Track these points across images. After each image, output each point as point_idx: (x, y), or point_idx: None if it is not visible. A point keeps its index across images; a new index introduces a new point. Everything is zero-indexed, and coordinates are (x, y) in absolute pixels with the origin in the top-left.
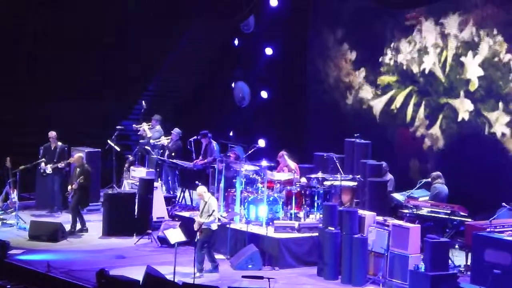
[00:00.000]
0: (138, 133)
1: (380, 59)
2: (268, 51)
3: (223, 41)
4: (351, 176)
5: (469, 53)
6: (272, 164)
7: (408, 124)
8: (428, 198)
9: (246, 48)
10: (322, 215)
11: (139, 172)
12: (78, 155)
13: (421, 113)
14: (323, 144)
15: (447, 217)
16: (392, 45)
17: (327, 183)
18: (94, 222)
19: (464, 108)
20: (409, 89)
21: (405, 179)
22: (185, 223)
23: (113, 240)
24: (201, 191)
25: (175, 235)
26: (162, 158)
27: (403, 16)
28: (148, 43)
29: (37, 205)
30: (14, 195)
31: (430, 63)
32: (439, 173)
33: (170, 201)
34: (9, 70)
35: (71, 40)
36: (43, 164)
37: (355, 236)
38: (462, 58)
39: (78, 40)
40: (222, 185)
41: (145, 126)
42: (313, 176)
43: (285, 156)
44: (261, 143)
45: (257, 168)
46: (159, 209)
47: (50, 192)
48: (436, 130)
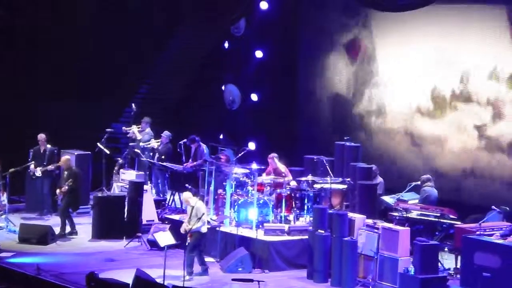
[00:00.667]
0: (128, 136)
1: None
2: (258, 54)
3: (214, 44)
4: (341, 179)
5: None
6: (263, 167)
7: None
8: (417, 201)
9: (236, 51)
10: (312, 218)
11: (129, 175)
12: (66, 157)
13: None
14: (313, 147)
15: (437, 220)
16: None
17: (317, 186)
18: (84, 225)
19: None
20: None
21: (395, 182)
22: (175, 226)
23: (102, 243)
24: (186, 196)
25: (165, 238)
26: (152, 161)
27: None
28: (139, 46)
29: (27, 208)
30: (4, 198)
31: None
32: (428, 176)
33: (160, 204)
34: None
35: (60, 41)
36: (32, 166)
37: (345, 239)
38: None
39: (68, 41)
40: (212, 188)
41: (135, 128)
42: (303, 179)
43: (275, 159)
44: (251, 146)
45: (247, 171)
46: (149, 212)
47: (39, 195)
48: None
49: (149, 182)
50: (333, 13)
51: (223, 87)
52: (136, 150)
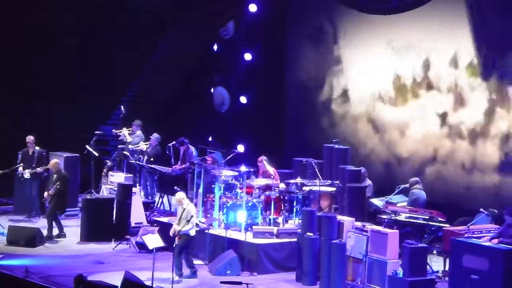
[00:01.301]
0: (119, 139)
1: None
2: (247, 56)
3: (203, 47)
4: (329, 181)
5: None
6: (252, 170)
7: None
8: (406, 203)
9: (225, 54)
10: (300, 221)
11: (118, 177)
12: (54, 161)
13: None
14: (302, 150)
15: (425, 222)
16: None
17: (306, 188)
18: (72, 227)
19: None
20: None
21: (384, 184)
22: (163, 228)
23: (91, 245)
24: (180, 197)
25: (154, 240)
26: (141, 163)
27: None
28: (128, 48)
29: (15, 210)
30: None
31: None
32: (417, 178)
33: (148, 206)
34: None
35: (48, 42)
36: (21, 169)
37: (334, 241)
38: None
39: (57, 43)
40: (201, 190)
41: (125, 131)
42: (292, 181)
43: (264, 162)
44: (240, 148)
45: (236, 173)
46: (137, 214)
47: (28, 197)
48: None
49: (137, 184)
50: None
51: (212, 90)
52: (125, 152)
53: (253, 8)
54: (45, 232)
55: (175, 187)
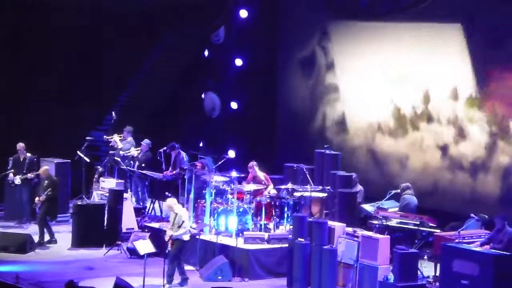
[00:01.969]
0: (110, 145)
1: None
2: (238, 62)
3: (194, 52)
4: (320, 187)
5: None
6: (242, 175)
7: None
8: (397, 209)
9: (216, 59)
10: (291, 226)
11: (109, 183)
12: (45, 168)
13: None
14: (293, 155)
15: (416, 228)
16: None
17: (297, 194)
18: (63, 233)
19: None
20: None
21: (375, 190)
22: (154, 234)
23: (82, 251)
24: (170, 203)
25: (145, 246)
26: (132, 169)
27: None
28: (119, 54)
29: (6, 216)
30: None
31: None
32: (408, 184)
33: (139, 212)
34: None
35: (41, 50)
36: (11, 175)
37: (325, 247)
38: None
39: (48, 49)
40: (192, 195)
41: (116, 137)
42: (283, 187)
43: (254, 167)
44: (231, 154)
45: (227, 179)
46: (128, 220)
47: (18, 203)
48: None
49: (129, 190)
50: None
51: (203, 95)
52: (116, 158)
53: (244, 13)
54: (37, 238)
55: (166, 193)
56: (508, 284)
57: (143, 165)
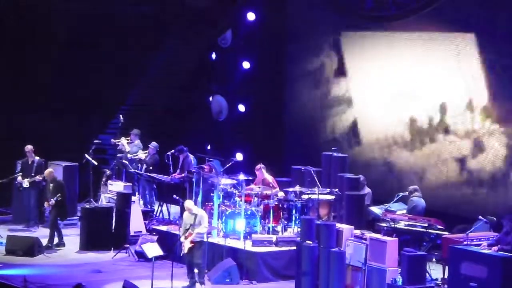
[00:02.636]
0: (117, 148)
1: None
2: (246, 65)
3: (201, 55)
4: (328, 189)
5: None
6: (250, 178)
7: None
8: (405, 211)
9: (223, 62)
10: (299, 229)
11: (117, 186)
12: (49, 170)
13: None
14: (300, 158)
15: (424, 230)
16: None
17: (304, 196)
18: (71, 236)
19: None
20: None
21: (383, 192)
22: (162, 237)
23: (90, 254)
24: (189, 205)
25: (153, 249)
26: (139, 172)
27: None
28: (126, 57)
29: (14, 219)
30: None
31: None
32: (416, 186)
33: (147, 215)
34: None
35: (47, 53)
36: (20, 178)
37: (333, 250)
38: None
39: (55, 53)
40: (200, 198)
41: (123, 140)
42: (290, 189)
43: (262, 170)
44: (239, 156)
45: (235, 181)
46: (136, 223)
47: (26, 207)
48: None
49: (136, 193)
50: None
51: (210, 98)
52: (123, 161)
53: (251, 16)
54: (45, 241)
55: (174, 196)
56: None
57: (150, 168)
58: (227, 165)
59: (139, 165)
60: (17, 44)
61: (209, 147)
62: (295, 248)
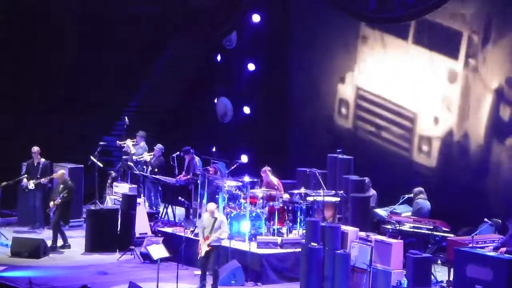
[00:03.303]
0: (123, 150)
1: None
2: (251, 66)
3: (206, 57)
4: (333, 191)
5: None
6: (255, 180)
7: None
8: (410, 213)
9: (228, 64)
10: (304, 231)
11: (122, 188)
12: (61, 171)
13: None
14: (305, 160)
15: (430, 232)
16: None
17: (309, 198)
18: (77, 238)
19: None
20: None
21: (388, 194)
22: (168, 239)
23: (95, 256)
24: (212, 207)
25: (158, 251)
26: (145, 174)
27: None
28: (131, 58)
29: (19, 221)
30: None
31: None
32: (421, 188)
33: (153, 217)
34: None
35: (53, 55)
36: (25, 180)
37: (338, 251)
38: None
39: (60, 54)
40: (205, 200)
41: (129, 142)
42: (295, 191)
43: (267, 172)
44: (244, 158)
45: (240, 183)
46: (142, 225)
47: (32, 209)
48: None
49: (142, 195)
50: (324, 27)
51: (215, 100)
52: (129, 163)
53: (256, 18)
54: (50, 243)
55: (179, 198)
56: None
57: (156, 170)
58: (232, 167)
59: (145, 167)
60: (22, 45)
61: (214, 149)
62: (300, 250)
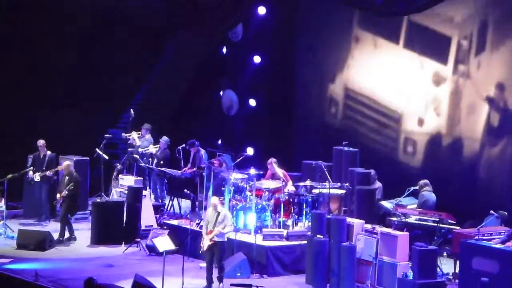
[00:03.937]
0: (128, 142)
1: None
2: (256, 59)
3: (211, 50)
4: (339, 184)
5: None
6: (261, 172)
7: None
8: (416, 206)
9: (234, 57)
10: (310, 223)
11: (128, 181)
12: (67, 163)
13: None
14: (311, 152)
15: (435, 225)
16: None
17: (315, 191)
18: (83, 230)
19: None
20: None
21: (394, 186)
22: (173, 231)
23: (101, 248)
24: (215, 201)
25: (164, 243)
26: (150, 166)
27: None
28: (136, 51)
29: (25, 214)
30: (2, 204)
31: None
32: (426, 181)
33: (158, 209)
34: None
35: (57, 48)
36: (31, 172)
37: (344, 244)
38: None
39: (65, 47)
40: (211, 193)
41: (134, 135)
42: (301, 184)
43: (273, 164)
44: (250, 151)
45: (246, 176)
46: (147, 217)
47: (37, 201)
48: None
49: (147, 187)
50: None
51: (221, 93)
52: (134, 155)
53: (262, 10)
54: (57, 235)
55: (185, 190)
56: None
57: (161, 162)
58: (238, 160)
59: (150, 159)
60: (28, 40)
61: (219, 142)
62: (305, 242)
